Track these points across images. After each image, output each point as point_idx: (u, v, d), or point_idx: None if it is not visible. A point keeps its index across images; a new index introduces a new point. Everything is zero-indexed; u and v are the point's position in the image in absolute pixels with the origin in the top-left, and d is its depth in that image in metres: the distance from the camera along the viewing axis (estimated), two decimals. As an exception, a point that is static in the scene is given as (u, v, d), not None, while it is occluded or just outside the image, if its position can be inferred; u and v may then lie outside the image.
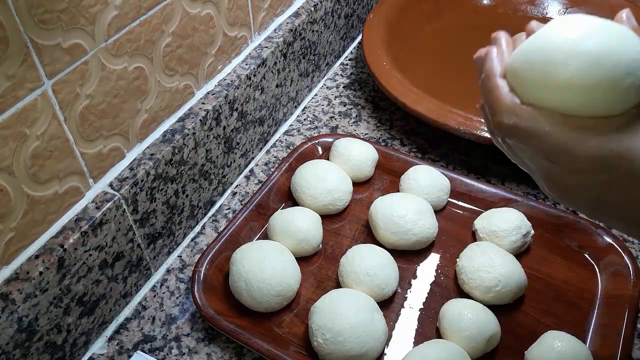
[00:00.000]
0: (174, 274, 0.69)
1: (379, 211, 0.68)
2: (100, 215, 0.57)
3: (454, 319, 0.59)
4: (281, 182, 0.75)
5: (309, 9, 0.86)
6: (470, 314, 0.59)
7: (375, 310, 0.59)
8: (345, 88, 0.96)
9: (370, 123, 0.89)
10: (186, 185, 0.69)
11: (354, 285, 0.62)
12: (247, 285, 0.61)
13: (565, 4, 1.04)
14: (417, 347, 0.58)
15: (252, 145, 0.82)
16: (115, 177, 0.61)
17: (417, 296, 0.65)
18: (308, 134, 0.88)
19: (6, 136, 0.48)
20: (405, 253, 0.69)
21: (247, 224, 0.70)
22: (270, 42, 0.80)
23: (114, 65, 0.56)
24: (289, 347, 0.60)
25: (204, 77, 0.70)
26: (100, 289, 0.60)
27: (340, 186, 0.72)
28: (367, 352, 0.56)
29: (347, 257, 0.64)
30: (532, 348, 0.58)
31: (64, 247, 0.54)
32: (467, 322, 0.58)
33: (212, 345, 0.62)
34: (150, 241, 0.66)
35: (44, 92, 0.50)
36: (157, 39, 0.60)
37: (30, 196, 0.51)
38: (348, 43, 1.04)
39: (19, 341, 0.52)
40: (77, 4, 0.50)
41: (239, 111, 0.75)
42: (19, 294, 0.51)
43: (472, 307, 0.60)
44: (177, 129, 0.66)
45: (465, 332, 0.58)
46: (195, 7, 0.64)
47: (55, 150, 0.52)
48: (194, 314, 0.65)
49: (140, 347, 0.62)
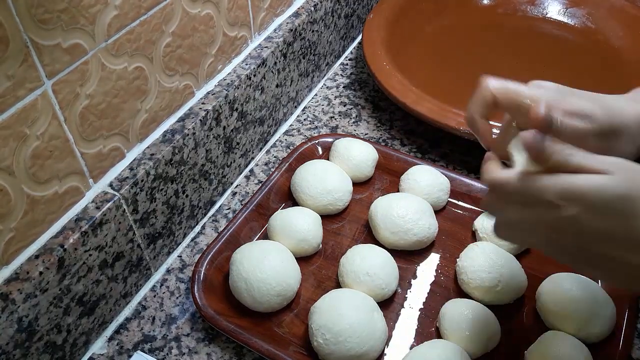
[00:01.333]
0: (174, 274, 0.69)
1: (379, 211, 0.68)
2: (100, 215, 0.57)
3: (454, 319, 0.59)
4: (281, 182, 0.75)
5: (309, 9, 0.86)
6: (470, 314, 0.59)
7: (375, 310, 0.59)
8: (345, 88, 0.96)
9: (370, 123, 0.89)
10: (186, 185, 0.69)
11: (354, 285, 0.62)
12: (247, 285, 0.61)
13: (565, 4, 1.04)
14: (417, 347, 0.58)
15: (252, 145, 0.82)
16: (115, 177, 0.61)
17: (417, 296, 0.65)
18: (308, 134, 0.88)
19: (6, 136, 0.48)
20: (405, 253, 0.69)
21: (247, 224, 0.70)
22: (270, 42, 0.80)
23: (114, 65, 0.56)
24: (289, 347, 0.60)
25: (204, 77, 0.70)
26: (100, 289, 0.61)
27: (340, 186, 0.72)
28: (367, 352, 0.56)
29: (347, 257, 0.64)
30: (532, 348, 0.58)
31: (64, 247, 0.54)
32: (467, 322, 0.58)
33: (212, 345, 0.62)
34: (150, 241, 0.66)
35: (44, 92, 0.50)
36: (157, 39, 0.60)
37: (30, 196, 0.51)
38: (348, 43, 1.04)
39: (19, 341, 0.52)
40: (77, 4, 0.50)
41: (239, 111, 0.75)
42: (19, 294, 0.51)
43: (472, 307, 0.60)
44: (177, 129, 0.66)
45: (465, 332, 0.58)
46: (195, 7, 0.64)
47: (55, 150, 0.53)
48: (194, 314, 0.65)
49: (140, 347, 0.62)
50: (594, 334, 0.58)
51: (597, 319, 0.58)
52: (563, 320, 0.59)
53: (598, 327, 0.58)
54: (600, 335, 0.58)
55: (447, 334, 0.59)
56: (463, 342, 0.57)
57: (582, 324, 0.58)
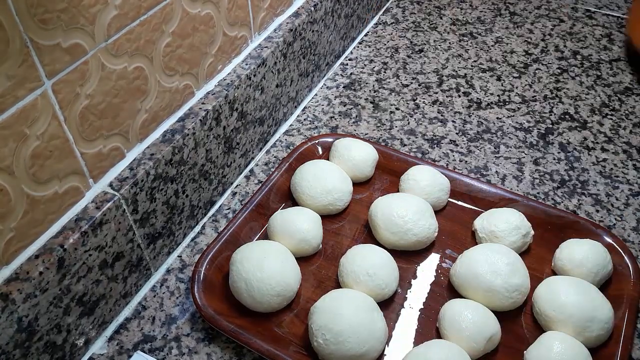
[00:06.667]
0: (174, 274, 0.69)
1: (379, 211, 0.68)
2: (100, 215, 0.57)
3: (454, 319, 0.59)
4: (281, 182, 0.75)
5: (309, 9, 0.86)
6: (470, 314, 0.59)
7: (375, 310, 0.59)
8: (345, 88, 0.96)
9: (370, 123, 0.89)
10: (186, 185, 0.69)
11: (354, 285, 0.62)
12: (247, 286, 0.61)
13: None
14: (417, 347, 0.58)
15: (252, 145, 0.82)
16: (115, 177, 0.61)
17: (417, 296, 0.65)
18: (308, 134, 0.88)
19: (6, 136, 0.48)
20: (405, 253, 0.69)
21: (247, 224, 0.70)
22: (270, 42, 0.80)
23: (114, 65, 0.56)
24: (289, 347, 0.60)
25: (204, 77, 0.70)
26: (100, 289, 0.61)
27: (340, 186, 0.72)
28: (367, 352, 0.56)
29: (347, 257, 0.64)
30: (531, 348, 0.58)
31: (64, 247, 0.54)
32: (467, 322, 0.58)
33: (212, 345, 0.62)
34: (150, 241, 0.66)
35: (44, 92, 0.50)
36: (157, 39, 0.60)
37: (30, 196, 0.51)
38: (348, 43, 1.04)
39: (19, 341, 0.52)
40: (77, 4, 0.50)
41: (239, 111, 0.75)
42: (19, 294, 0.51)
43: (472, 307, 0.60)
44: (177, 129, 0.66)
45: (465, 332, 0.58)
46: (195, 7, 0.64)
47: (55, 150, 0.52)
48: (194, 314, 0.65)
49: (140, 347, 0.62)
50: (592, 338, 0.58)
51: (595, 323, 0.58)
52: (560, 325, 0.59)
53: (596, 332, 0.58)
54: (598, 340, 0.58)
55: (447, 334, 0.59)
56: (463, 342, 0.57)
57: (579, 329, 0.58)
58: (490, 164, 0.81)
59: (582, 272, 0.63)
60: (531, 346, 0.58)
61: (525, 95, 0.94)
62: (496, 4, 1.16)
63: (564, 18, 1.11)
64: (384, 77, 0.98)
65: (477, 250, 0.64)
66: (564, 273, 0.64)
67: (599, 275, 0.63)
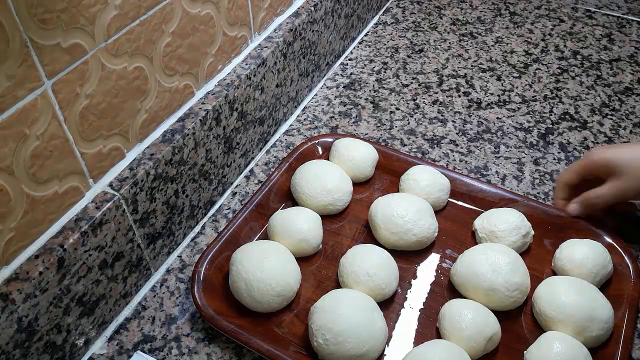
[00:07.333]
0: (174, 274, 0.69)
1: (379, 211, 0.68)
2: (100, 215, 0.57)
3: (454, 319, 0.59)
4: (281, 182, 0.75)
5: (309, 9, 0.86)
6: (470, 314, 0.59)
7: (375, 310, 0.59)
8: (345, 88, 0.96)
9: (370, 123, 0.89)
10: (186, 185, 0.69)
11: (354, 285, 0.62)
12: (247, 285, 0.61)
13: None
14: (417, 347, 0.58)
15: (252, 145, 0.82)
16: (115, 177, 0.61)
17: (417, 296, 0.65)
18: (308, 134, 0.88)
19: (6, 136, 0.48)
20: (405, 253, 0.68)
21: (247, 224, 0.70)
22: (270, 42, 0.80)
23: (113, 65, 0.56)
24: (289, 347, 0.60)
25: (204, 77, 0.70)
26: (100, 289, 0.60)
27: (340, 186, 0.72)
28: (367, 352, 0.56)
29: (347, 257, 0.64)
30: (531, 348, 0.57)
31: (63, 247, 0.54)
32: (467, 322, 0.58)
33: (212, 345, 0.62)
34: (150, 241, 0.66)
35: (44, 92, 0.50)
36: (157, 39, 0.60)
37: (30, 196, 0.51)
38: (348, 43, 1.04)
39: (19, 341, 0.52)
40: (77, 4, 0.50)
41: (239, 111, 0.75)
42: (18, 294, 0.51)
43: (472, 307, 0.59)
44: (177, 129, 0.66)
45: (465, 332, 0.57)
46: (195, 7, 0.64)
47: (55, 150, 0.52)
48: (194, 314, 0.65)
49: (140, 347, 0.62)
50: (592, 338, 0.58)
51: (595, 323, 0.58)
52: (560, 325, 0.59)
53: (596, 332, 0.58)
54: (598, 340, 0.58)
55: (447, 334, 0.59)
56: (463, 342, 0.57)
57: (579, 329, 0.58)
58: (491, 164, 0.81)
59: (582, 272, 0.63)
60: (531, 346, 0.58)
61: (526, 95, 0.94)
62: (496, 4, 1.16)
63: (564, 18, 1.11)
64: (384, 77, 0.98)
65: (478, 250, 0.64)
66: (564, 273, 0.64)
67: (599, 275, 0.63)
